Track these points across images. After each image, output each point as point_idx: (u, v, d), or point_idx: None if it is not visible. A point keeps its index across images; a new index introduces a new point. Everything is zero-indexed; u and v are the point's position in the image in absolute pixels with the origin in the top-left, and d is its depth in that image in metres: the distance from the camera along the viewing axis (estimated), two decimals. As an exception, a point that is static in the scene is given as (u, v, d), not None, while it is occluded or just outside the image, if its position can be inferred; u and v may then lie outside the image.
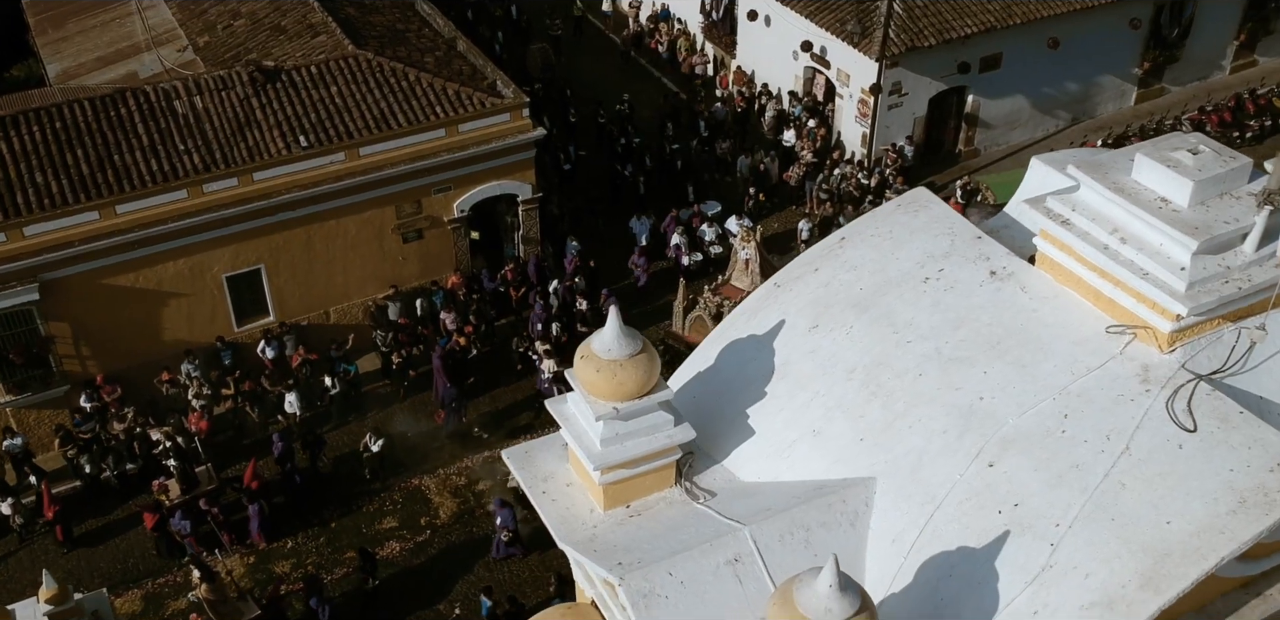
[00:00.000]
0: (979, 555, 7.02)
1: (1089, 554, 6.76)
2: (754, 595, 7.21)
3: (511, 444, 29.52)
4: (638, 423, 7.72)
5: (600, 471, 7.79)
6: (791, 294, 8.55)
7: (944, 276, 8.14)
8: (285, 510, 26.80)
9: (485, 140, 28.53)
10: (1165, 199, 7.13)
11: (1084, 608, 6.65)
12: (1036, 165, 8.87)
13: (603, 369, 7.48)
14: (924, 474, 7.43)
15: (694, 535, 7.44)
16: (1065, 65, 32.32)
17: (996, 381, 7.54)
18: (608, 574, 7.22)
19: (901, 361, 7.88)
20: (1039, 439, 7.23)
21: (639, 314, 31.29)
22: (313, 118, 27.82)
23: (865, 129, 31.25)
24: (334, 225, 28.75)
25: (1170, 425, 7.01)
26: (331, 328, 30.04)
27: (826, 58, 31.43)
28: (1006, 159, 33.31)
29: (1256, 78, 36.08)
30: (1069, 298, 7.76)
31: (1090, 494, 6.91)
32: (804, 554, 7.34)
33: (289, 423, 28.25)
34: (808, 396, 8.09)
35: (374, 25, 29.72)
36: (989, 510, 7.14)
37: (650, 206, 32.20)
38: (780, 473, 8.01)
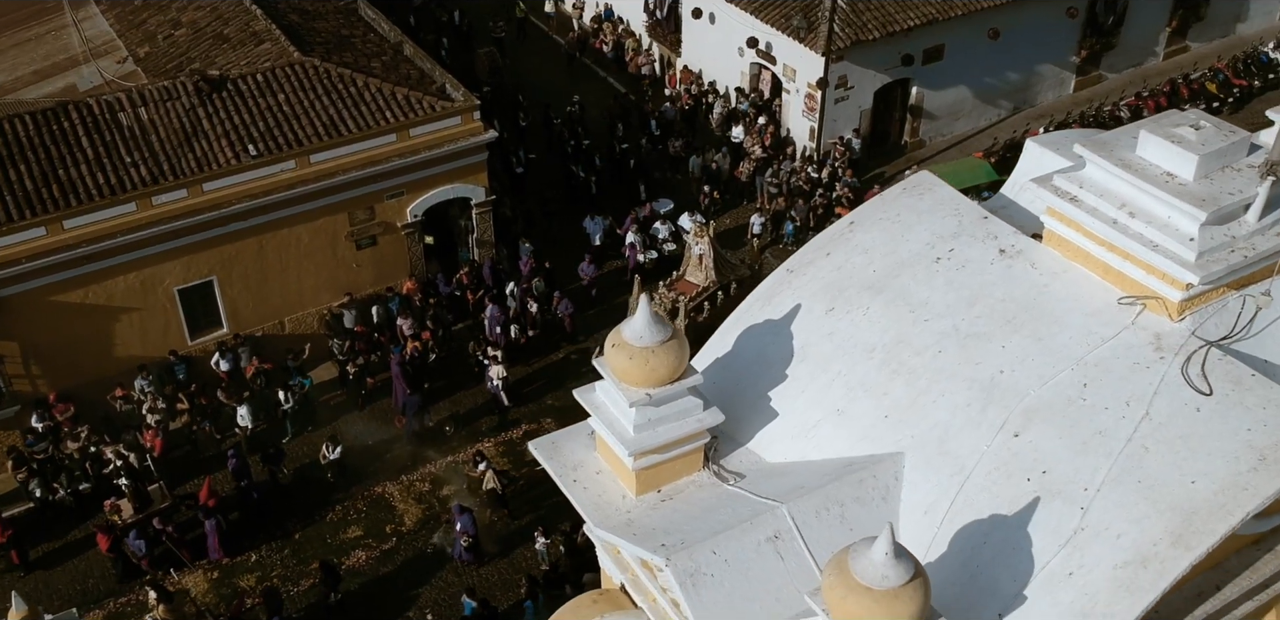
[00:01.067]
0: (1011, 522, 7.33)
1: (1119, 515, 7.09)
2: (795, 570, 7.46)
3: (473, 448, 29.56)
4: (669, 408, 7.94)
5: (633, 457, 7.99)
6: (805, 278, 8.82)
7: (954, 256, 8.46)
8: (247, 523, 26.68)
9: (437, 144, 28.58)
10: (1171, 173, 7.48)
11: (1117, 567, 6.97)
12: (1031, 147, 9.21)
13: (635, 356, 7.69)
14: (951, 447, 7.73)
15: (731, 515, 7.67)
16: (1006, 55, 33.01)
17: (1015, 355, 7.86)
18: (652, 556, 7.43)
19: (920, 339, 8.17)
20: (1061, 408, 7.56)
21: (595, 314, 31.50)
22: (261, 126, 27.70)
23: (813, 123, 31.69)
24: (286, 234, 28.65)
25: (1187, 390, 7.36)
26: (287, 338, 29.94)
27: (772, 53, 31.84)
28: (951, 149, 33.94)
29: (1189, 63, 37.06)
30: (1078, 272, 8.10)
31: (1115, 458, 7.24)
32: (840, 529, 7.60)
33: (242, 437, 28.13)
34: (829, 377, 8.36)
35: (318, 31, 29.65)
36: (1018, 478, 7.45)
37: (603, 206, 32.42)
38: (806, 453, 8.27)
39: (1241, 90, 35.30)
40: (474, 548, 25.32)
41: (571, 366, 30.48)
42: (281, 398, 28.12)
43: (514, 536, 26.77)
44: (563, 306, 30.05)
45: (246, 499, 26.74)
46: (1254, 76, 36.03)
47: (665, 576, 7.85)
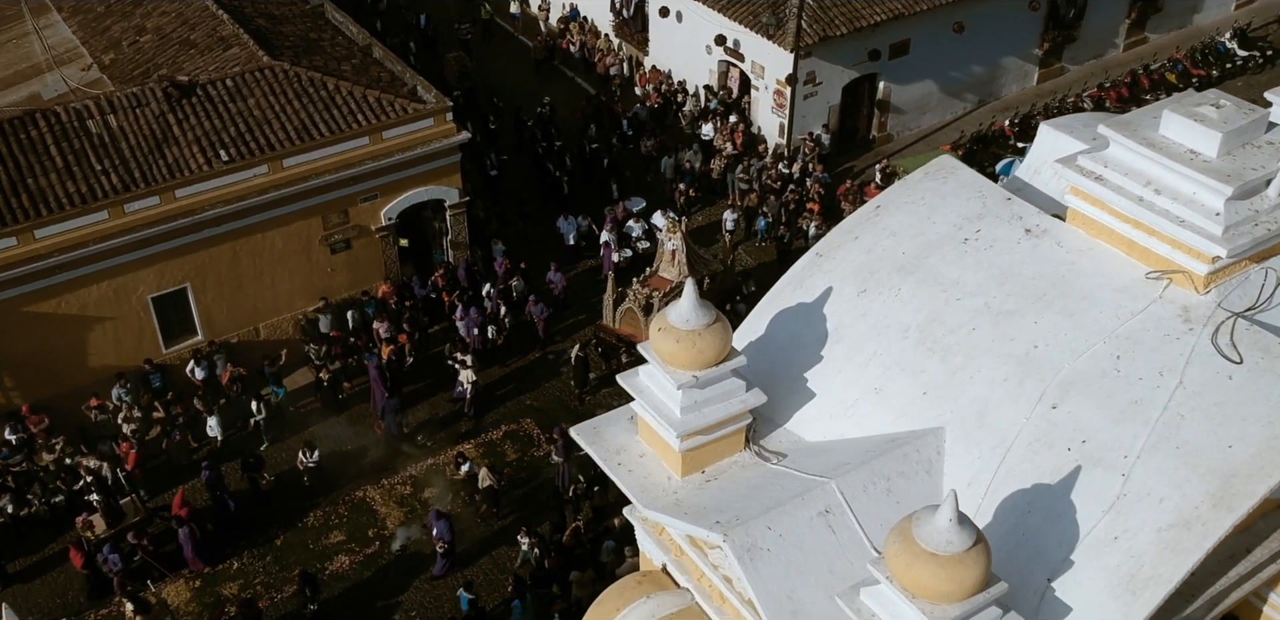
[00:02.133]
0: (1054, 490, 7.62)
1: (1160, 481, 7.40)
2: (846, 543, 7.72)
3: (454, 450, 29.65)
4: (714, 390, 8.18)
5: (680, 438, 8.22)
6: (834, 262, 9.08)
7: (982, 236, 8.75)
8: (228, 531, 26.66)
9: (410, 146, 28.68)
10: (1194, 151, 7.82)
11: (1161, 530, 7.28)
12: (1045, 130, 9.53)
13: (682, 339, 7.91)
14: (991, 420, 8.02)
15: (781, 492, 7.91)
16: (970, 49, 33.55)
17: (1047, 330, 8.16)
18: (708, 533, 7.65)
19: (954, 318, 8.46)
20: (1096, 380, 7.86)
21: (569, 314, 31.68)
22: (232, 131, 27.69)
23: (782, 119, 32.07)
24: (260, 239, 28.65)
25: (1218, 359, 7.70)
26: (262, 344, 29.92)
27: (740, 51, 32.19)
28: (919, 143, 34.44)
29: (1149, 54, 37.82)
30: (1103, 250, 8.42)
31: (1153, 426, 7.55)
32: (887, 502, 7.87)
33: (212, 447, 28.12)
34: (865, 357, 8.63)
35: (286, 35, 29.65)
36: (1058, 448, 7.74)
37: (576, 206, 32.64)
38: (846, 431, 8.53)
39: (1200, 80, 36.05)
40: (450, 554, 25.39)
41: (548, 366, 30.67)
42: (254, 408, 28.10)
43: (497, 537, 26.92)
44: (538, 310, 30.19)
45: (222, 509, 26.67)
46: (1212, 66, 36.82)
47: (718, 553, 8.08)
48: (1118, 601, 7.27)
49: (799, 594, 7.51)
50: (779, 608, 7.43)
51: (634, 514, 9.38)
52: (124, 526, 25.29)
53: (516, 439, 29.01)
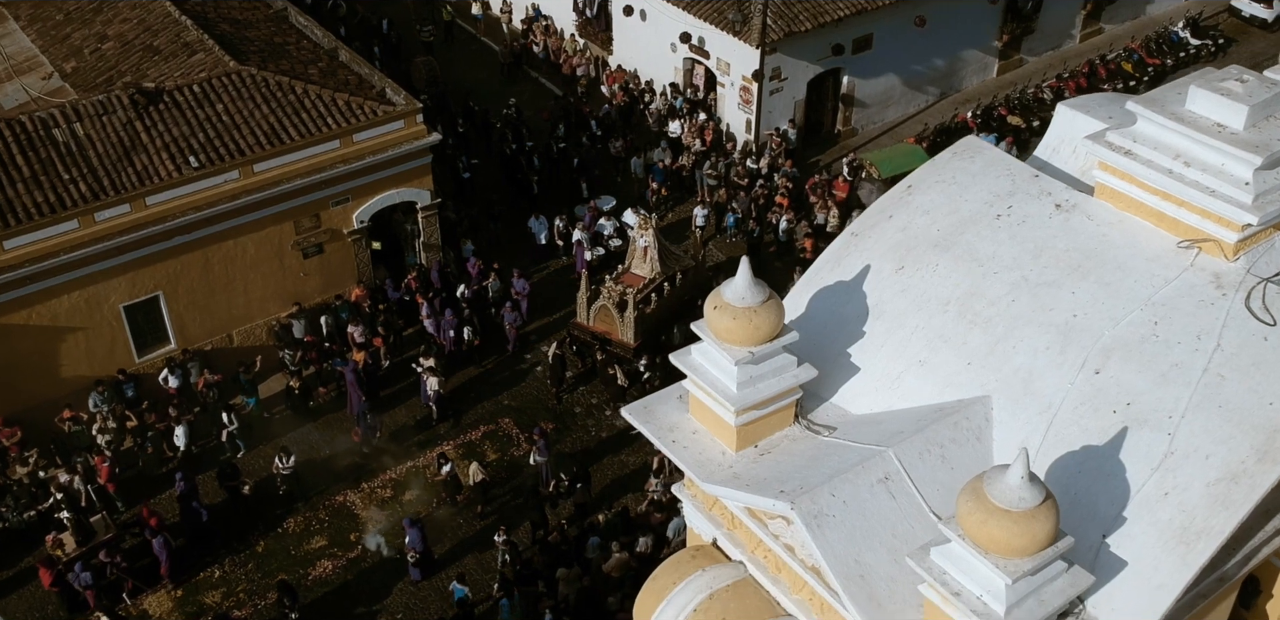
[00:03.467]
0: (1103, 451, 8.01)
1: (1205, 438, 7.81)
2: (906, 508, 8.06)
3: (432, 452, 29.83)
4: (768, 365, 8.50)
5: (736, 413, 8.53)
6: (871, 241, 9.43)
7: (1013, 212, 9.14)
8: (201, 542, 26.66)
9: (381, 149, 28.77)
10: (1221, 124, 8.25)
11: (1210, 484, 7.69)
12: (1063, 110, 9.96)
13: (739, 316, 8.22)
14: (1036, 387, 8.40)
15: (839, 462, 8.24)
16: (932, 42, 34.16)
17: (1085, 299, 8.56)
18: (774, 502, 7.96)
19: (992, 291, 8.83)
20: (1136, 345, 8.26)
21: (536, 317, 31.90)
22: (201, 137, 27.65)
23: (749, 115, 32.49)
24: (232, 245, 28.63)
25: (1252, 321, 8.12)
26: (236, 351, 29.89)
27: (705, 48, 32.57)
28: (883, 136, 35.01)
29: (1104, 44, 38.67)
30: (1132, 222, 8.84)
31: (1194, 387, 7.96)
32: (941, 468, 8.22)
33: (179, 457, 28.11)
34: (907, 331, 8.98)
35: (251, 40, 29.64)
36: (1104, 411, 8.13)
37: (546, 206, 32.87)
38: (892, 403, 8.88)
39: (1155, 69, 36.93)
40: (423, 562, 25.54)
41: (524, 365, 30.87)
42: (225, 419, 28.08)
43: (481, 535, 27.11)
44: (510, 318, 30.33)
45: (194, 521, 26.62)
46: (1166, 55, 37.73)
47: (778, 523, 8.40)
48: (1172, 554, 7.66)
49: (864, 557, 7.84)
50: (847, 571, 7.76)
51: (683, 491, 9.68)
52: (94, 544, 25.10)
53: (496, 439, 29.20)
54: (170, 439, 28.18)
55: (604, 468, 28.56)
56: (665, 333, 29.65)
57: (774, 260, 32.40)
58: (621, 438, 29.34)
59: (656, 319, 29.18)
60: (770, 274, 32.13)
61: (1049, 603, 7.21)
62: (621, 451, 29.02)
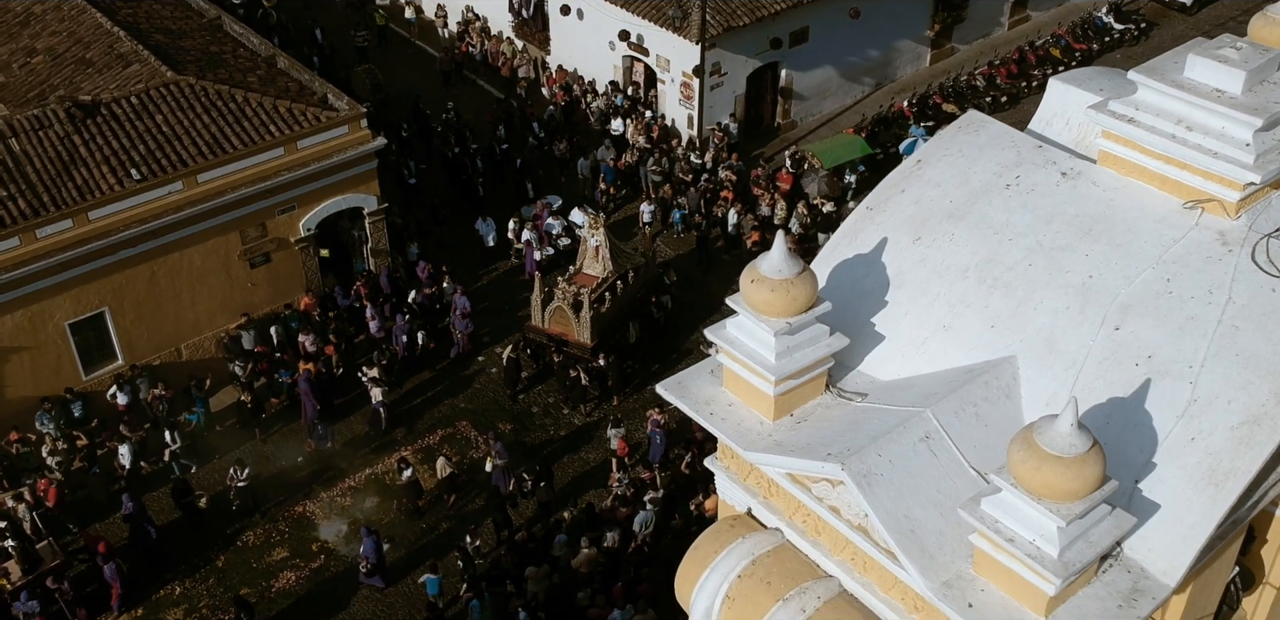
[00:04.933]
0: (1128, 402, 8.53)
1: (1226, 385, 8.36)
2: (947, 465, 8.53)
3: (390, 458, 30.06)
4: (804, 335, 8.92)
5: (775, 383, 8.94)
6: (885, 214, 9.90)
7: (1021, 182, 9.66)
8: (153, 564, 26.51)
9: (325, 155, 28.89)
10: (1220, 90, 8.82)
11: (1234, 427, 8.25)
12: (1055, 84, 10.51)
13: (776, 288, 8.63)
14: (1059, 345, 8.91)
15: (880, 424, 8.68)
16: (866, 34, 34.94)
17: (1099, 261, 9.09)
18: (821, 465, 8.39)
19: (1009, 256, 9.34)
20: (1152, 301, 8.81)
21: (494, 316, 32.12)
22: (142, 149, 27.59)
23: (691, 111, 33.01)
24: (178, 258, 28.60)
25: (1259, 274, 8.70)
26: (185, 365, 29.83)
27: (644, 45, 33.01)
28: (822, 127, 35.72)
29: (1032, 31, 39.80)
30: (1136, 186, 9.40)
31: (1211, 338, 8.52)
32: (976, 425, 8.71)
33: (123, 476, 28.00)
34: (929, 299, 9.45)
35: (187, 50, 29.56)
36: (1127, 365, 8.66)
37: (492, 207, 33.12)
38: (919, 368, 9.35)
39: (1082, 54, 38.08)
40: (378, 570, 25.71)
41: (479, 368, 31.09)
42: (168, 438, 28.02)
43: (447, 537, 27.34)
44: (461, 326, 30.54)
45: (145, 542, 26.51)
46: (1091, 40, 38.92)
47: (822, 487, 8.82)
48: (1202, 495, 8.20)
49: (913, 513, 8.28)
50: (899, 526, 8.20)
51: (715, 463, 10.07)
52: (42, 572, 24.88)
53: (454, 442, 29.44)
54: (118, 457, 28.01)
55: (565, 465, 28.94)
56: (621, 331, 30.04)
57: (722, 253, 32.95)
58: (581, 435, 29.72)
59: (611, 318, 29.57)
60: (720, 267, 32.69)
61: (1097, 544, 7.70)
62: (581, 449, 29.41)
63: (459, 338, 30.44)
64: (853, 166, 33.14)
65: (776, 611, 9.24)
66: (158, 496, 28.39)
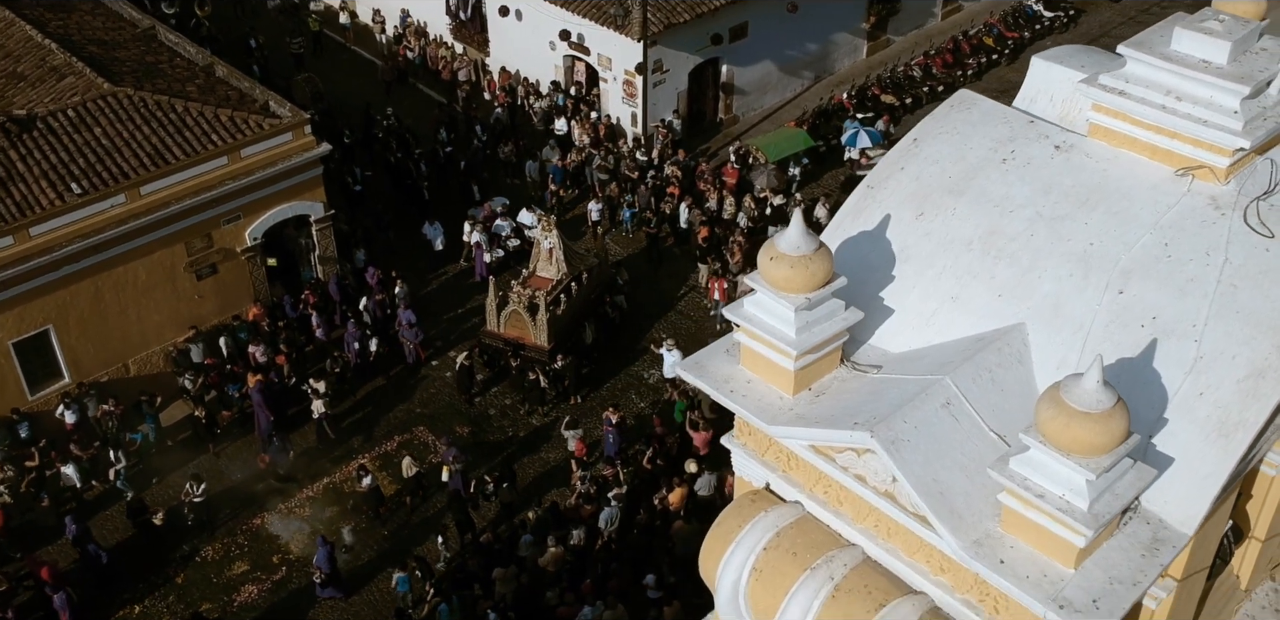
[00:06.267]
0: (1137, 362, 8.98)
1: (1229, 341, 8.84)
2: (968, 429, 8.91)
3: (348, 467, 30.19)
4: (822, 310, 9.27)
5: (796, 358, 9.28)
6: (887, 192, 10.29)
7: (1017, 156, 10.10)
8: (103, 588, 26.15)
9: (270, 162, 28.90)
10: (1207, 60, 9.31)
11: (1239, 381, 8.73)
12: (1038, 62, 10.95)
13: (796, 265, 8.97)
14: (1065, 310, 9.35)
15: (899, 393, 9.04)
16: (804, 28, 35.54)
17: (1098, 229, 9.55)
18: (849, 433, 8.75)
19: (1011, 228, 9.77)
20: (1152, 265, 9.27)
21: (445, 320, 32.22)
22: (82, 163, 27.44)
23: (634, 109, 33.34)
24: (122, 272, 28.48)
25: (1252, 236, 9.20)
26: (133, 381, 29.71)
27: (585, 44, 33.31)
28: (764, 122, 36.24)
29: (965, 21, 40.66)
30: (1128, 157, 9.86)
31: (1212, 297, 9.00)
32: (993, 390, 9.11)
33: (71, 497, 27.85)
34: (936, 271, 9.85)
35: (122, 61, 29.38)
36: (1132, 327, 9.11)
37: (438, 211, 33.24)
38: (930, 338, 9.74)
39: (1014, 41, 39.01)
40: (332, 581, 25.79)
41: (433, 372, 31.23)
42: (113, 457, 27.91)
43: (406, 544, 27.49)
44: (411, 335, 30.64)
45: (94, 565, 26.36)
46: (1023, 28, 39.88)
47: (847, 456, 9.18)
48: (1214, 446, 8.68)
49: (940, 476, 8.66)
50: (928, 489, 8.57)
51: (732, 441, 10.40)
52: (-16, 599, 24.73)
53: (412, 448, 29.60)
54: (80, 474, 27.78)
55: (526, 466, 29.22)
56: (577, 332, 30.32)
57: (672, 249, 33.37)
58: (540, 435, 30.00)
59: (567, 319, 29.84)
60: (671, 261, 33.10)
61: (1123, 496, 8.12)
62: (541, 449, 29.70)
63: (410, 348, 30.54)
64: (796, 159, 33.69)
65: (805, 580, 9.57)
66: (110, 515, 28.22)
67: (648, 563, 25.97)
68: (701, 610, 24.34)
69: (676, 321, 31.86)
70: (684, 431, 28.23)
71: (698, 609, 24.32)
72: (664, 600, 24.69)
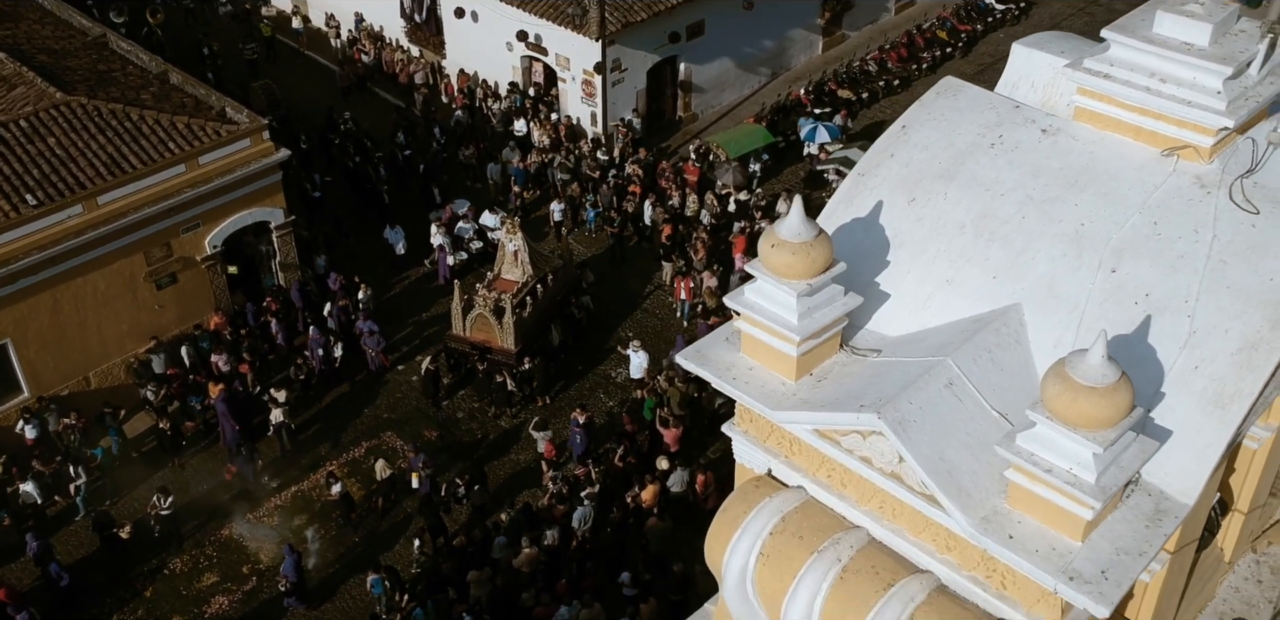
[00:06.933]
0: (1132, 338, 9.24)
1: (1221, 315, 9.12)
2: (971, 408, 9.13)
3: (316, 475, 30.13)
4: (822, 296, 9.46)
5: (798, 344, 9.47)
6: (878, 179, 10.51)
7: (1004, 140, 10.35)
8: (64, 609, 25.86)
9: (229, 169, 28.82)
10: (1189, 42, 9.59)
11: (1233, 353, 9.01)
12: (1018, 50, 11.22)
13: (798, 251, 9.16)
14: (1060, 290, 9.59)
15: (902, 375, 9.25)
16: (759, 25, 35.85)
17: (1088, 210, 9.81)
18: (856, 416, 8.94)
19: (1003, 211, 10.00)
20: (1143, 243, 9.54)
21: (410, 324, 32.21)
22: (36, 173, 27.25)
23: (594, 108, 33.50)
24: (81, 283, 28.31)
25: (1239, 212, 9.49)
26: (94, 393, 29.53)
27: (543, 45, 33.42)
28: (723, 119, 36.50)
29: (918, 15, 41.12)
30: (1113, 139, 10.13)
31: (1202, 273, 9.27)
32: (993, 370, 9.33)
33: (31, 514, 27.68)
34: (930, 255, 10.07)
35: (74, 69, 29.18)
36: (1126, 304, 9.38)
37: (400, 216, 33.25)
38: (926, 322, 9.96)
39: (968, 34, 39.52)
40: (297, 591, 25.78)
41: (399, 376, 31.23)
42: (73, 472, 27.75)
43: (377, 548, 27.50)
44: (373, 342, 30.63)
45: (54, 585, 26.20)
46: (975, 21, 40.40)
47: (852, 439, 9.36)
48: (1211, 417, 8.95)
49: (947, 455, 8.87)
50: (936, 468, 8.77)
51: (733, 429, 10.56)
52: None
53: (380, 453, 29.60)
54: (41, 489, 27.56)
55: (497, 468, 29.33)
56: (543, 334, 30.42)
57: (639, 246, 33.57)
58: (509, 437, 30.10)
59: (534, 322, 29.93)
60: (636, 259, 33.28)
61: (1128, 468, 8.36)
62: (510, 450, 29.80)
63: (373, 355, 30.53)
64: (757, 155, 33.97)
65: (812, 563, 9.75)
66: (75, 530, 28.06)
67: (622, 561, 26.13)
68: (678, 606, 24.60)
69: (643, 320, 32.05)
70: (654, 429, 28.42)
71: (674, 606, 24.51)
72: (640, 597, 24.86)
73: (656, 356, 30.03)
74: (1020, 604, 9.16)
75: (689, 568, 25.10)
